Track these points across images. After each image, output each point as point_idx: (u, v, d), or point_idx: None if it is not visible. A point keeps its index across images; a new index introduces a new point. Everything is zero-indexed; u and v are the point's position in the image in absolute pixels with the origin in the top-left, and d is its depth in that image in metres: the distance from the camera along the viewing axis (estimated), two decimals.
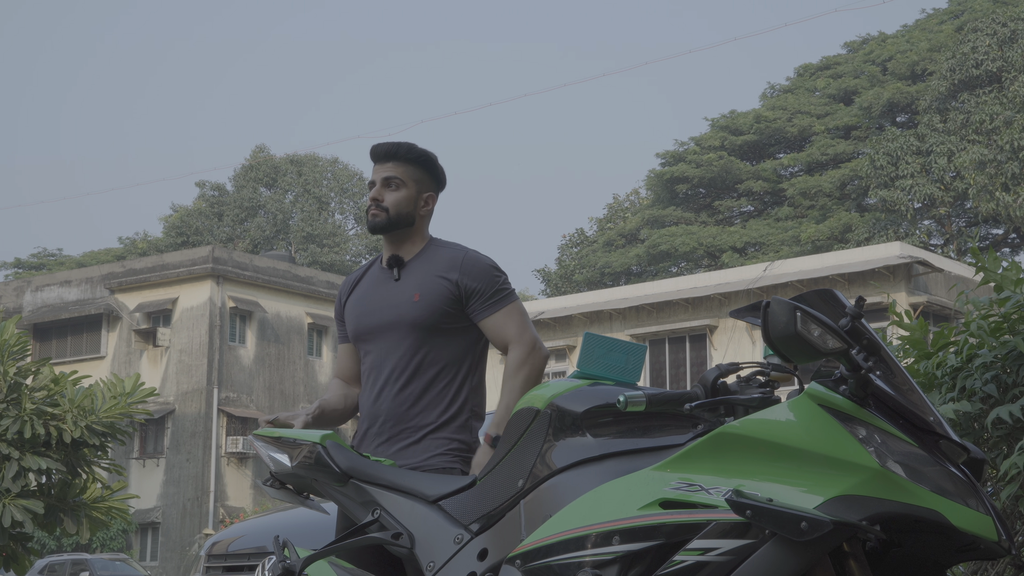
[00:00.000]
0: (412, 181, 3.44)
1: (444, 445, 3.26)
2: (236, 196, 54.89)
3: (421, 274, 3.37)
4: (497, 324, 3.33)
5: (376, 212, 3.42)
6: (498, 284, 3.36)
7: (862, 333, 2.36)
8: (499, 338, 3.34)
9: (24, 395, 8.31)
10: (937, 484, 2.25)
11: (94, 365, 35.53)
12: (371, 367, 3.40)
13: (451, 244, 3.46)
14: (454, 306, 3.32)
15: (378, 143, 3.48)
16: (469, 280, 3.32)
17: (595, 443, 2.58)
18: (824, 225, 41.46)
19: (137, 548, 35.72)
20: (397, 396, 3.31)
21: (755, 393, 2.47)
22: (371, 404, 3.36)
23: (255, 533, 5.71)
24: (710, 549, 2.27)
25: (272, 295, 37.65)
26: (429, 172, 3.49)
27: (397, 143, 3.46)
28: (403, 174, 3.43)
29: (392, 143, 3.46)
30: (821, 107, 47.08)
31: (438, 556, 2.80)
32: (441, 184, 3.53)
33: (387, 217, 3.41)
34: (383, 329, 3.35)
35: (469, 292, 3.32)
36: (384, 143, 3.47)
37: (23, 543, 8.55)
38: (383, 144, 3.47)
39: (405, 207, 3.42)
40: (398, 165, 3.43)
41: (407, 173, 3.44)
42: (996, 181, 34.76)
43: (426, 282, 3.33)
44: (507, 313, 3.35)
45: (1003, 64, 37.69)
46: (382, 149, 3.46)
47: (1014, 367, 3.82)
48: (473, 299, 3.33)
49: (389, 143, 3.46)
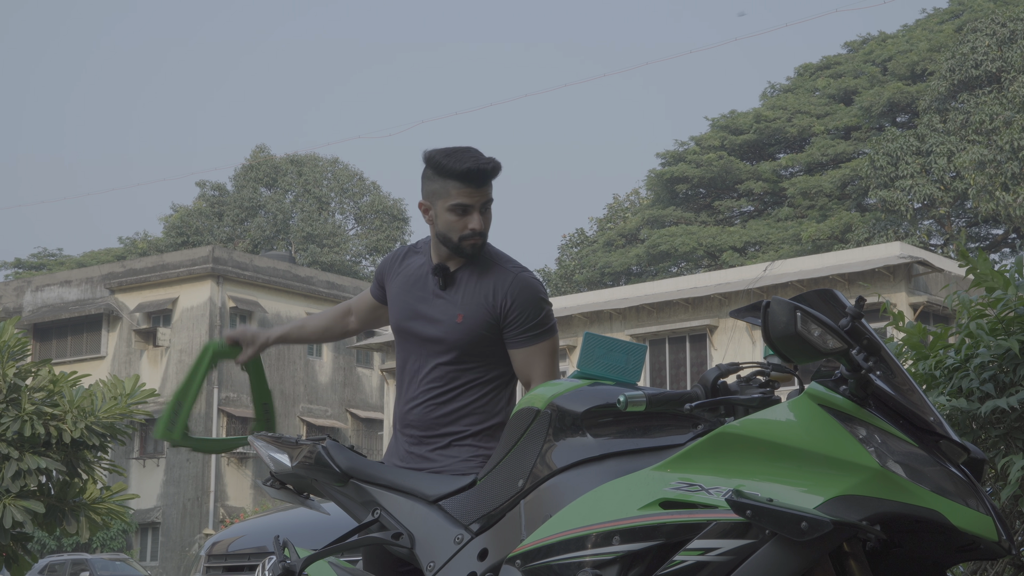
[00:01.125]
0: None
1: (470, 452, 3.21)
2: (236, 196, 54.90)
3: (466, 292, 3.25)
4: (527, 359, 3.24)
5: (478, 241, 3.24)
6: (540, 317, 3.25)
7: (862, 333, 2.36)
8: (524, 373, 3.25)
9: (24, 395, 8.31)
10: (937, 484, 2.25)
11: (94, 365, 35.53)
12: (407, 370, 3.33)
13: (502, 258, 3.32)
14: (494, 330, 3.23)
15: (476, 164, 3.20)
16: (513, 307, 3.22)
17: (595, 443, 2.57)
18: (824, 225, 41.46)
19: (137, 548, 35.73)
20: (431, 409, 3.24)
21: (755, 393, 2.47)
22: (404, 411, 3.30)
23: (255, 533, 5.70)
24: (710, 549, 2.27)
25: (272, 295, 37.67)
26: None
27: (493, 164, 3.23)
28: (491, 193, 3.27)
29: (490, 165, 3.22)
30: (821, 107, 47.08)
31: (438, 556, 2.80)
32: None
33: (483, 242, 3.27)
34: (423, 339, 3.27)
35: (510, 319, 3.22)
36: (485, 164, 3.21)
37: (23, 544, 8.55)
38: (486, 165, 3.21)
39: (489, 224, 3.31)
40: (490, 186, 3.26)
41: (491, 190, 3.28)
42: (996, 181, 34.75)
43: (470, 303, 3.23)
44: (539, 350, 3.26)
45: (1003, 64, 37.69)
46: (485, 173, 3.22)
47: (1011, 367, 3.83)
48: (512, 327, 3.23)
49: (488, 166, 3.22)
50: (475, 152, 3.26)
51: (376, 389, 40.65)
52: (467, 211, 3.22)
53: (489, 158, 3.25)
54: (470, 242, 3.24)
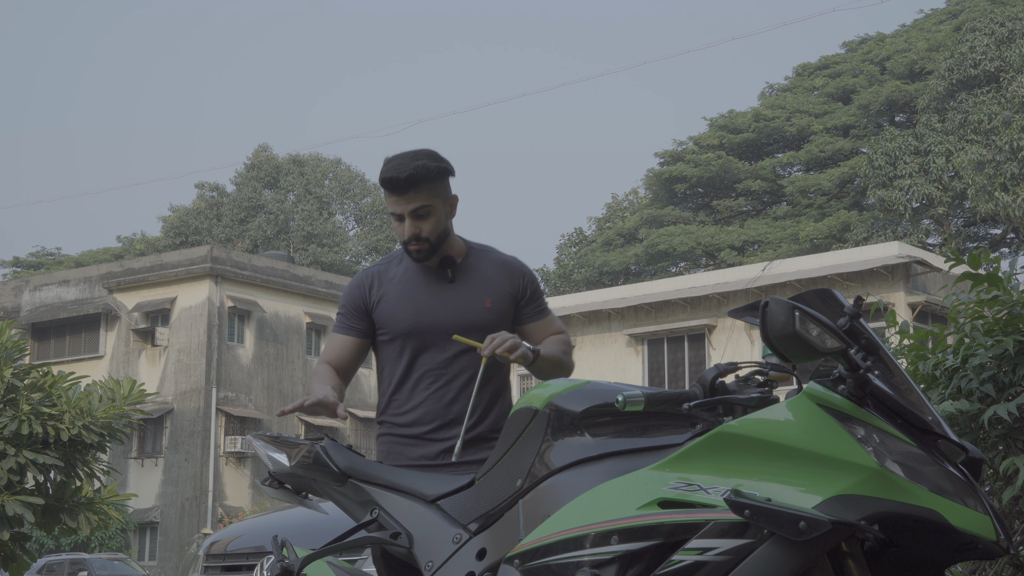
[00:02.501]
0: (436, 199, 3.30)
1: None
2: (237, 196, 54.88)
3: (483, 278, 3.40)
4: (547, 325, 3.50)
5: (418, 248, 3.30)
6: (542, 292, 3.54)
7: (860, 333, 2.36)
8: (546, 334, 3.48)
9: (21, 396, 8.30)
10: (935, 484, 2.25)
11: (92, 365, 35.52)
12: (432, 367, 3.33)
13: (488, 247, 3.53)
14: (512, 311, 3.44)
15: (392, 173, 3.24)
16: (529, 285, 3.48)
17: (593, 443, 2.57)
18: (823, 224, 41.48)
19: (135, 548, 35.71)
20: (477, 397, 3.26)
21: (753, 393, 2.46)
22: (443, 405, 3.30)
23: (253, 533, 5.70)
24: (708, 549, 2.27)
25: (271, 295, 37.65)
26: (446, 178, 3.35)
27: (410, 170, 3.24)
28: (427, 198, 3.27)
29: (406, 172, 3.23)
30: (820, 106, 47.10)
31: (436, 556, 2.80)
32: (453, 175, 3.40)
33: (431, 246, 3.32)
34: (450, 330, 3.29)
35: (528, 296, 3.46)
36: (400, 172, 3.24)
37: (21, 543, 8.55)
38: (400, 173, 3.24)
39: (441, 227, 3.32)
40: (418, 192, 3.25)
41: (430, 194, 3.28)
42: (995, 181, 34.77)
43: (493, 288, 3.39)
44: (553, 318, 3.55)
45: (1001, 64, 37.70)
46: (401, 182, 3.24)
47: (1010, 367, 3.83)
48: (531, 303, 3.47)
49: (403, 174, 3.23)
50: (408, 158, 3.26)
51: (374, 389, 40.65)
52: (400, 219, 3.31)
53: (412, 163, 3.24)
54: (412, 247, 3.31)
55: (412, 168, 3.24)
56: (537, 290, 3.50)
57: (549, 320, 3.51)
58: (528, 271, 3.51)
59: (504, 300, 3.39)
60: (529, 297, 3.46)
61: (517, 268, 3.47)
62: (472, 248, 3.47)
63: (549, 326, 3.50)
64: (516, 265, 3.49)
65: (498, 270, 3.44)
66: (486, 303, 3.35)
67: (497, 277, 3.42)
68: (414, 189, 3.25)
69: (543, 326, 3.48)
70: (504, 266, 3.46)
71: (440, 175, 3.30)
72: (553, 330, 3.51)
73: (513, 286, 3.43)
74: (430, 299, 3.36)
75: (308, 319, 38.72)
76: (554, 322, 3.54)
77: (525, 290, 3.45)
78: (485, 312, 3.34)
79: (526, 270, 3.50)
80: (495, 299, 3.37)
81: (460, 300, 3.35)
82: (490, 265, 3.44)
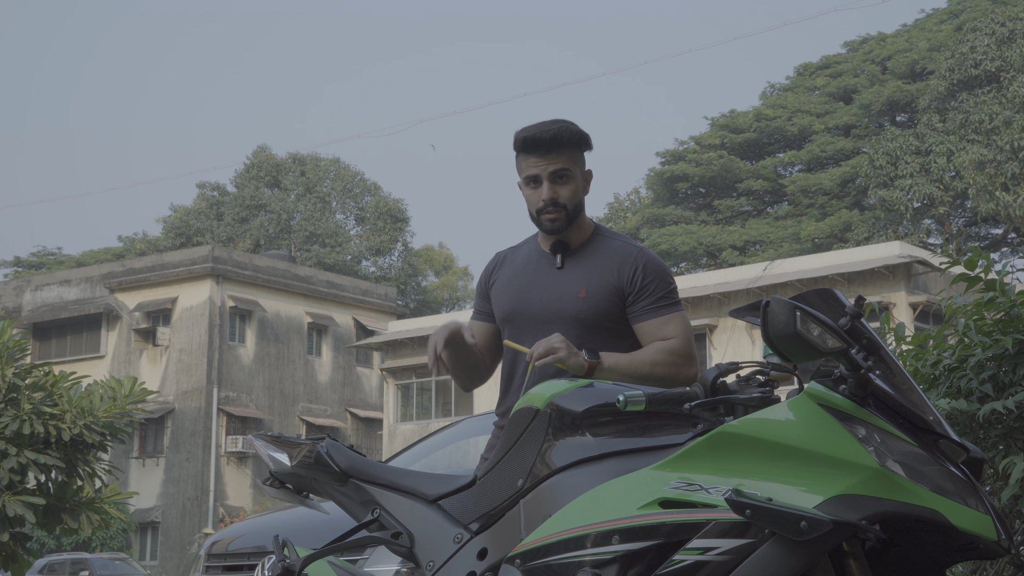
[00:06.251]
0: (576, 166, 3.17)
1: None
2: (238, 196, 54.90)
3: (589, 267, 3.17)
4: (661, 325, 3.14)
5: (555, 214, 3.14)
6: (669, 289, 3.17)
7: (862, 332, 2.36)
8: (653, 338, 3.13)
9: (23, 395, 8.30)
10: (937, 483, 2.25)
11: (94, 365, 35.54)
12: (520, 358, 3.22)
13: (621, 236, 3.26)
14: (620, 305, 3.14)
15: (535, 132, 3.11)
16: (640, 277, 3.14)
17: (595, 442, 2.57)
18: (824, 223, 41.48)
19: (137, 547, 35.73)
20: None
21: (755, 392, 2.46)
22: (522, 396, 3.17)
23: (255, 532, 5.71)
24: (710, 548, 2.27)
25: (272, 294, 37.67)
26: (586, 147, 3.20)
27: (556, 130, 3.12)
28: (569, 161, 3.14)
29: (554, 129, 3.12)
30: (821, 106, 47.09)
31: (438, 555, 2.80)
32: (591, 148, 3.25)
33: (567, 215, 3.15)
34: (542, 319, 3.15)
35: (638, 290, 3.14)
36: (544, 131, 3.11)
37: (22, 543, 8.55)
38: (545, 133, 3.11)
39: (578, 196, 3.17)
40: (561, 154, 3.13)
41: (572, 159, 3.15)
42: (996, 181, 34.76)
43: (594, 278, 3.15)
44: (674, 317, 3.16)
45: (1002, 64, 37.69)
46: (546, 139, 3.11)
47: (1010, 366, 3.83)
48: (641, 299, 3.15)
49: (550, 130, 3.11)
50: (549, 122, 3.16)
51: (376, 388, 40.65)
52: (536, 181, 3.17)
53: (556, 125, 3.14)
54: (547, 216, 3.16)
55: (557, 128, 3.12)
56: (652, 286, 3.14)
57: (662, 321, 3.13)
58: (646, 264, 3.15)
59: (604, 292, 3.13)
60: (639, 292, 3.13)
61: (632, 259, 3.15)
62: (597, 234, 3.24)
63: (660, 329, 3.13)
64: (632, 256, 3.16)
65: (609, 259, 3.17)
66: (580, 293, 3.13)
67: (604, 267, 3.15)
68: (557, 150, 3.12)
69: (652, 327, 3.13)
70: (617, 255, 3.17)
71: (583, 142, 3.18)
72: (662, 335, 3.13)
73: (620, 278, 3.13)
74: (532, 285, 3.20)
75: (309, 319, 38.72)
76: (668, 325, 3.14)
77: (635, 284, 3.13)
78: (577, 303, 3.12)
79: (643, 262, 3.15)
80: (592, 290, 3.13)
81: (558, 288, 3.16)
82: (604, 253, 3.18)
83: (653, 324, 3.14)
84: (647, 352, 3.11)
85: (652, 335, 3.14)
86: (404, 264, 56.30)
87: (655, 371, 3.06)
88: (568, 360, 2.97)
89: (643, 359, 3.08)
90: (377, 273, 55.64)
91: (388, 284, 50.10)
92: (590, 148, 3.23)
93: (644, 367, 3.06)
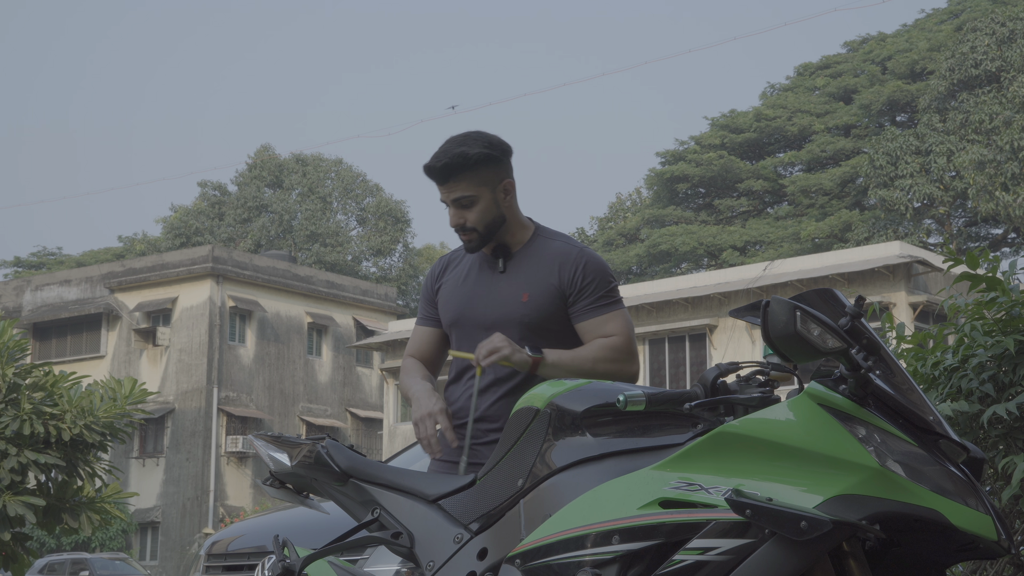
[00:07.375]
0: (482, 187, 3.16)
1: None
2: (239, 195, 54.90)
3: (530, 270, 3.19)
4: (601, 324, 3.15)
5: (467, 237, 3.18)
6: (609, 288, 3.19)
7: (862, 332, 2.36)
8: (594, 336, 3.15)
9: (23, 395, 8.31)
10: (937, 483, 2.25)
11: (94, 365, 35.55)
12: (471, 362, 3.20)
13: (561, 236, 3.27)
14: (562, 307, 3.16)
15: (430, 162, 3.14)
16: (581, 278, 3.16)
17: (595, 442, 2.57)
18: (824, 224, 41.48)
19: (137, 547, 35.73)
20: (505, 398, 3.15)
21: (755, 392, 2.46)
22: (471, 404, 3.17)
23: (255, 532, 5.71)
24: (710, 548, 2.27)
25: (272, 294, 37.67)
26: (494, 162, 3.19)
27: (447, 159, 3.13)
28: (469, 187, 3.14)
29: (442, 160, 3.13)
30: (821, 106, 47.10)
31: (438, 555, 2.80)
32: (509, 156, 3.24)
33: (479, 236, 3.17)
34: (487, 325, 3.17)
35: (578, 290, 3.16)
36: (436, 161, 3.14)
37: (23, 543, 8.55)
38: (436, 163, 3.14)
39: (491, 215, 3.17)
40: (459, 182, 3.14)
41: (473, 182, 3.15)
42: (996, 181, 34.76)
43: (535, 281, 3.17)
44: (614, 316, 3.19)
45: (1002, 64, 37.69)
46: (437, 171, 3.14)
47: (1011, 367, 3.83)
48: (582, 298, 3.16)
49: (439, 163, 3.13)
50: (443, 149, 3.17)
51: (376, 388, 40.65)
52: (448, 207, 3.21)
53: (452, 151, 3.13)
54: (461, 237, 3.21)
55: (449, 157, 3.13)
56: (591, 286, 3.16)
57: (602, 320, 3.16)
58: (585, 264, 3.17)
59: (546, 295, 3.15)
60: (579, 292, 3.15)
61: (572, 260, 3.17)
62: (538, 235, 3.25)
63: (601, 327, 3.16)
64: (572, 256, 3.18)
65: (550, 261, 3.18)
66: (523, 297, 3.15)
67: (546, 269, 3.17)
68: (453, 179, 3.14)
69: (593, 326, 3.16)
70: (558, 257, 3.18)
71: (483, 161, 3.15)
72: (603, 332, 3.16)
73: (561, 279, 3.15)
74: (476, 290, 3.23)
75: (309, 319, 38.73)
76: (609, 323, 3.16)
77: (575, 284, 3.15)
78: (520, 307, 3.15)
79: (583, 262, 3.17)
80: (534, 293, 3.15)
81: (501, 293, 3.19)
82: (545, 255, 3.19)
83: (594, 323, 3.17)
84: (589, 349, 3.14)
85: (593, 333, 3.16)
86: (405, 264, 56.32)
87: (597, 367, 3.09)
88: (512, 357, 3.01)
89: (585, 355, 3.11)
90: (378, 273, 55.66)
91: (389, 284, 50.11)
92: (501, 159, 3.20)
93: (587, 363, 3.09)
